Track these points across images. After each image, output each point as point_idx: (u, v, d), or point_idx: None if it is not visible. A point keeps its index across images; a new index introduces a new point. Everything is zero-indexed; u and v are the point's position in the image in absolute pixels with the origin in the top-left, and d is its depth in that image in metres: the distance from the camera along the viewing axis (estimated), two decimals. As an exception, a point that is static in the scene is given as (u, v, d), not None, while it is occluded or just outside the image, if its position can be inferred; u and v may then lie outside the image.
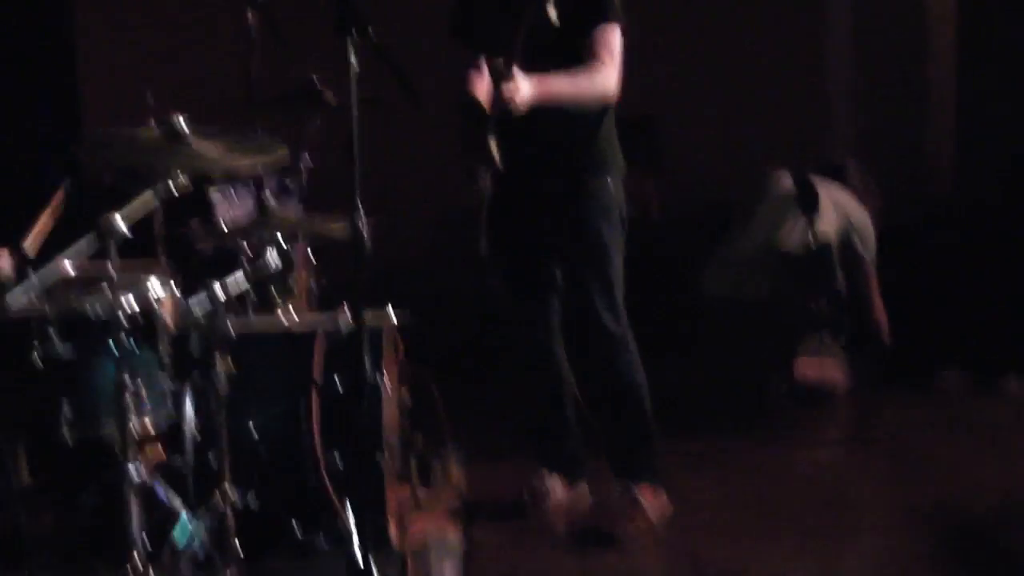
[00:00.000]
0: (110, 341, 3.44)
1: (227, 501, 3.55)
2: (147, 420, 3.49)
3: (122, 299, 3.45)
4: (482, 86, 4.12)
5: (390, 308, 3.86)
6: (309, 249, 4.36)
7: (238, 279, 3.83)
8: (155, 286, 3.65)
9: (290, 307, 4.19)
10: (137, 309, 3.50)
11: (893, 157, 6.22)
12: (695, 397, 5.47)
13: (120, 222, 3.33)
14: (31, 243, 3.89)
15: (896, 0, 6.35)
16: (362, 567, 3.45)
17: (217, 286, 3.68)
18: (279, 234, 4.03)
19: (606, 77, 4.05)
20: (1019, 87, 6.36)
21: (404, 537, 3.87)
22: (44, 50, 6.38)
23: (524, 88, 3.88)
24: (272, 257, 3.95)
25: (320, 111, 4.65)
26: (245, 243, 4.06)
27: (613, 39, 4.07)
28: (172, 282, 3.80)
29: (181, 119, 3.52)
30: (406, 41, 4.00)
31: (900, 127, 6.38)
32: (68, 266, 3.60)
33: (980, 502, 4.46)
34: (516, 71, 3.86)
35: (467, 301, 5.64)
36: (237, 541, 3.54)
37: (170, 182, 3.51)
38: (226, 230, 4.30)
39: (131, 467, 3.36)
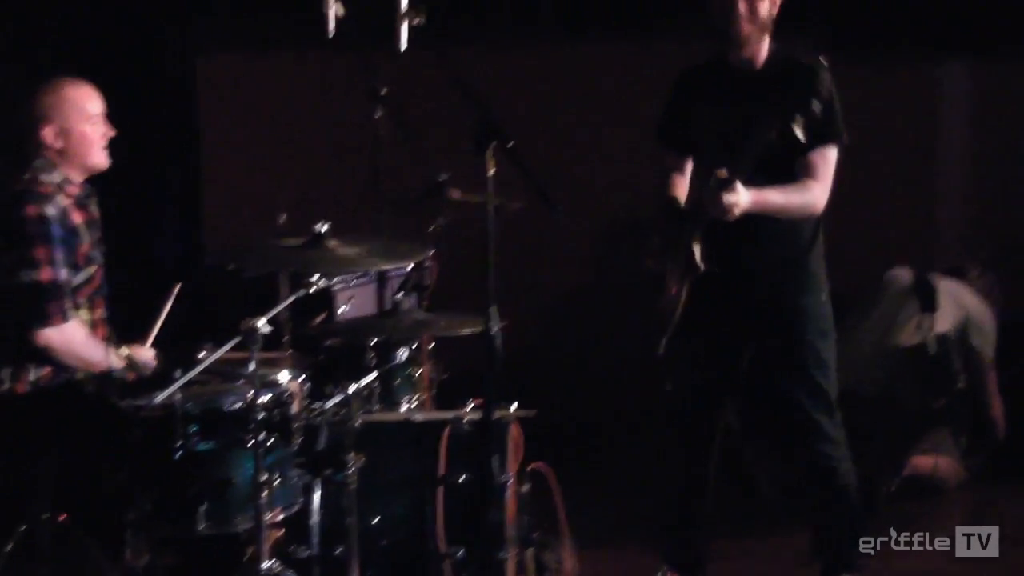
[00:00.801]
0: (248, 437, 3.55)
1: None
2: (277, 512, 3.61)
3: (260, 396, 3.57)
4: (682, 190, 4.25)
5: (515, 405, 3.94)
6: (433, 344, 4.47)
7: (365, 375, 3.95)
8: (288, 381, 3.79)
9: (415, 401, 4.30)
10: (273, 406, 3.62)
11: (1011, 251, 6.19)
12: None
13: (264, 327, 3.45)
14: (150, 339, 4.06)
15: (1010, 101, 6.33)
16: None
17: (346, 383, 3.81)
18: (405, 330, 4.15)
19: (819, 196, 4.13)
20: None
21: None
22: (169, 140, 6.56)
23: (744, 200, 3.96)
24: (399, 353, 4.07)
25: (448, 210, 4.76)
26: (371, 339, 4.19)
27: (832, 158, 4.17)
28: (302, 378, 3.95)
29: (323, 226, 3.65)
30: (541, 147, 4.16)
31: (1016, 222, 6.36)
32: (208, 362, 3.73)
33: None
34: (738, 184, 3.94)
35: (586, 390, 5.77)
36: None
37: (311, 284, 3.64)
38: (349, 326, 4.43)
39: (266, 565, 3.45)
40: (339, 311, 4.74)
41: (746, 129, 4.00)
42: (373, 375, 4.02)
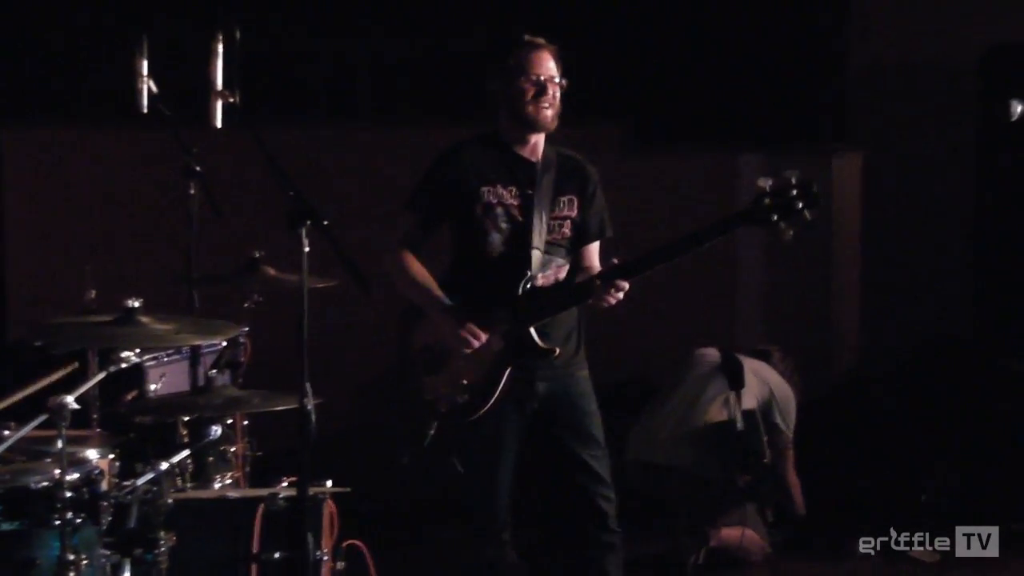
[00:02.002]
0: (55, 516, 3.48)
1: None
2: (84, 594, 3.53)
3: (67, 474, 3.50)
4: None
5: (330, 482, 3.94)
6: (247, 422, 4.45)
7: (177, 452, 3.91)
8: (97, 459, 3.73)
9: (229, 479, 4.27)
10: (81, 484, 3.55)
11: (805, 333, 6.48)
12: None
13: (72, 404, 3.40)
14: None
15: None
16: None
17: (158, 460, 3.76)
18: (218, 407, 4.12)
19: None
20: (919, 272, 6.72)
21: None
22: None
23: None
24: (212, 430, 4.04)
25: (262, 287, 4.76)
26: (183, 416, 4.15)
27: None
28: (112, 455, 3.89)
29: (134, 302, 3.62)
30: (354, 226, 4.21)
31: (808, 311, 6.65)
32: (13, 440, 3.64)
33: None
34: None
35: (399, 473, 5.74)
36: None
37: (122, 361, 3.60)
38: (161, 403, 4.39)
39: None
40: (150, 388, 4.68)
41: (542, 213, 4.26)
42: (185, 452, 3.98)
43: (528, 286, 4.26)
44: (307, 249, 3.56)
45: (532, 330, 4.23)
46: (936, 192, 6.81)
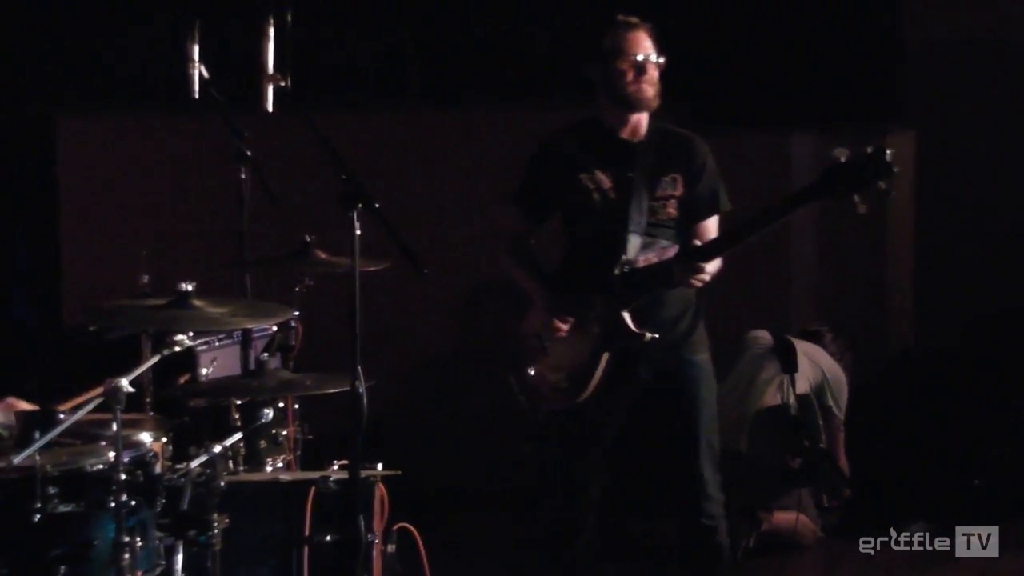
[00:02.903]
0: (109, 499, 3.51)
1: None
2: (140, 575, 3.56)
3: (122, 457, 3.53)
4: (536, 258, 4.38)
5: (381, 465, 3.96)
6: (298, 405, 4.47)
7: (230, 436, 3.94)
8: (150, 443, 3.77)
9: (280, 462, 4.29)
10: (136, 467, 3.59)
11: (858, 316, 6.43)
12: (670, 544, 5.55)
13: (127, 386, 3.43)
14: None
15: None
16: None
17: (211, 443, 3.79)
18: (270, 390, 4.14)
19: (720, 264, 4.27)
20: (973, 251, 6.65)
21: None
22: (27, 199, 6.48)
23: (712, 268, 4.14)
24: (264, 414, 4.07)
25: (313, 271, 4.78)
26: (236, 399, 4.18)
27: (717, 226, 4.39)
28: (165, 438, 3.93)
29: (188, 286, 3.65)
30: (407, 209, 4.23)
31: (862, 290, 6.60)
32: (69, 422, 3.68)
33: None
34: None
35: (452, 450, 5.79)
36: None
37: (175, 345, 3.63)
38: (214, 387, 4.41)
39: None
40: (203, 372, 4.71)
41: (643, 195, 4.20)
42: (238, 435, 4.01)
43: (625, 270, 4.22)
44: (359, 232, 3.57)
45: (626, 314, 4.19)
46: (990, 170, 6.72)
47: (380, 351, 4.33)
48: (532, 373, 4.36)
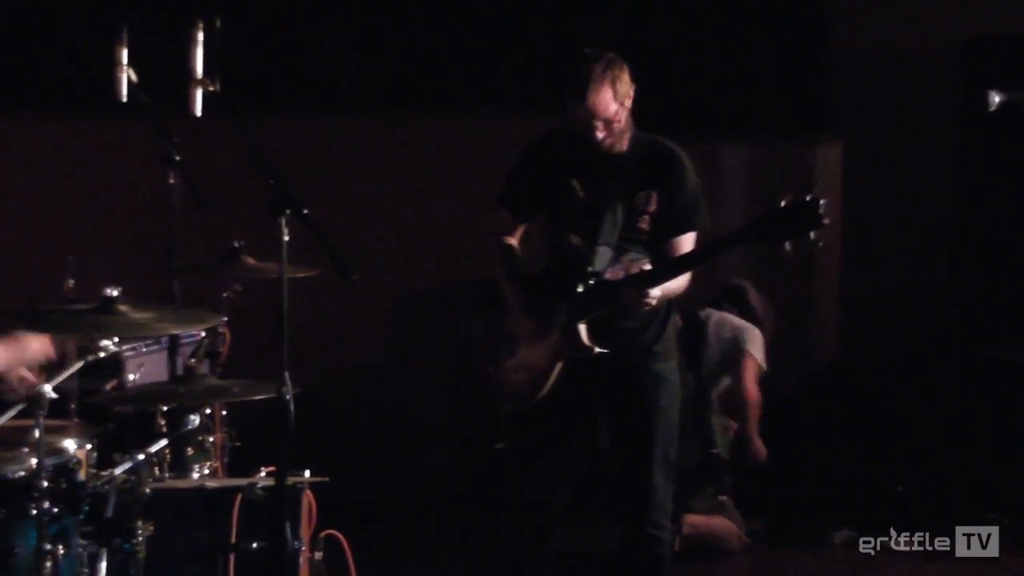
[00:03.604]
0: (31, 506, 3.47)
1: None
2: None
3: (45, 464, 3.49)
4: (518, 259, 4.40)
5: (308, 472, 3.94)
6: (226, 411, 4.44)
7: (156, 442, 3.90)
8: (74, 449, 3.73)
9: (207, 469, 4.26)
10: (58, 474, 3.55)
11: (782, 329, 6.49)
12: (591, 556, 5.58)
13: (50, 393, 3.39)
14: None
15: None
16: None
17: (136, 450, 3.76)
18: (197, 396, 4.12)
19: (687, 279, 4.27)
20: (899, 262, 6.75)
21: None
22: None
23: (658, 293, 4.11)
24: (191, 420, 4.04)
25: (242, 277, 4.76)
26: (162, 405, 4.14)
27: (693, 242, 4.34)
28: (89, 445, 3.89)
29: (113, 291, 3.61)
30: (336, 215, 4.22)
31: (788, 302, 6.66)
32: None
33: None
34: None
35: (380, 458, 5.76)
36: None
37: (100, 350, 3.59)
38: (140, 392, 4.38)
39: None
40: (129, 377, 4.67)
41: (618, 208, 4.21)
42: (163, 442, 3.97)
43: (591, 281, 4.24)
44: (287, 238, 3.55)
45: (581, 326, 4.20)
46: (917, 182, 6.82)
47: (309, 357, 4.30)
48: (497, 372, 4.39)
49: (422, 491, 5.85)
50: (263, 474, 3.97)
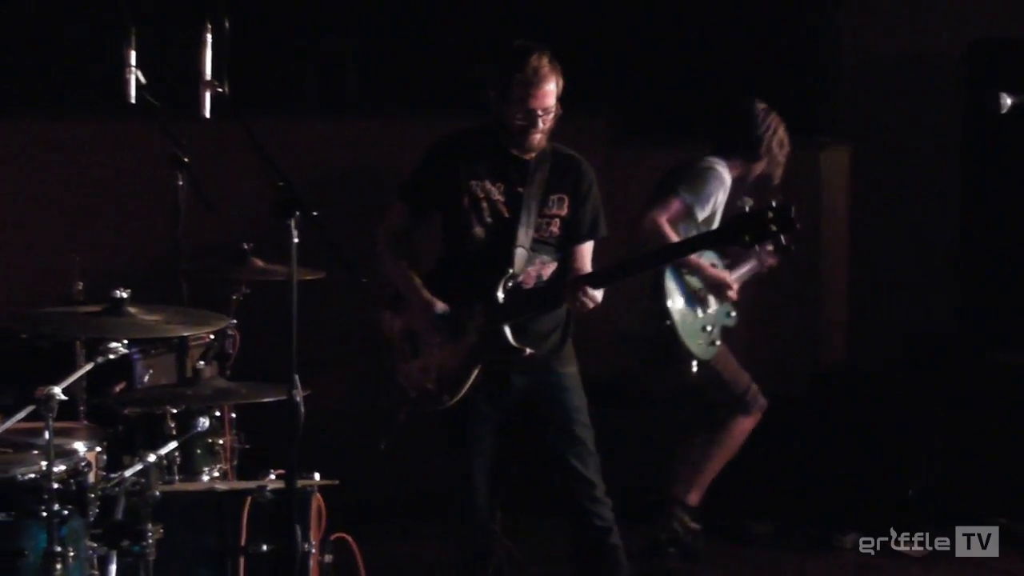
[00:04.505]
0: (41, 508, 3.47)
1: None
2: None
3: (54, 466, 3.49)
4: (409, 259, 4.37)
5: (318, 475, 3.94)
6: (235, 414, 4.44)
7: (165, 444, 3.90)
8: (84, 451, 3.72)
9: (216, 471, 4.26)
10: (68, 476, 3.54)
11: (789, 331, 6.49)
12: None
13: (59, 394, 3.39)
14: None
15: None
16: None
17: (145, 452, 3.75)
18: (206, 399, 4.11)
19: None
20: (906, 265, 6.74)
21: None
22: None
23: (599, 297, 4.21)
24: (200, 422, 4.04)
25: (250, 279, 4.75)
26: (171, 407, 4.13)
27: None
28: (99, 447, 3.88)
29: (122, 293, 3.61)
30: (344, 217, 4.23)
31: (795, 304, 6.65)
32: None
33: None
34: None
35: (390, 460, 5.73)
36: None
37: (109, 352, 3.59)
38: (149, 395, 4.37)
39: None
40: (138, 379, 4.66)
41: (531, 211, 4.27)
42: (173, 444, 3.97)
43: (509, 284, 4.27)
44: (296, 240, 3.55)
45: (506, 328, 4.25)
46: (923, 185, 6.82)
47: (318, 359, 4.31)
48: (401, 372, 4.40)
49: (431, 494, 5.80)
50: (273, 477, 3.98)
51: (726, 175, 5.42)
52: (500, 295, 4.27)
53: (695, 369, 5.30)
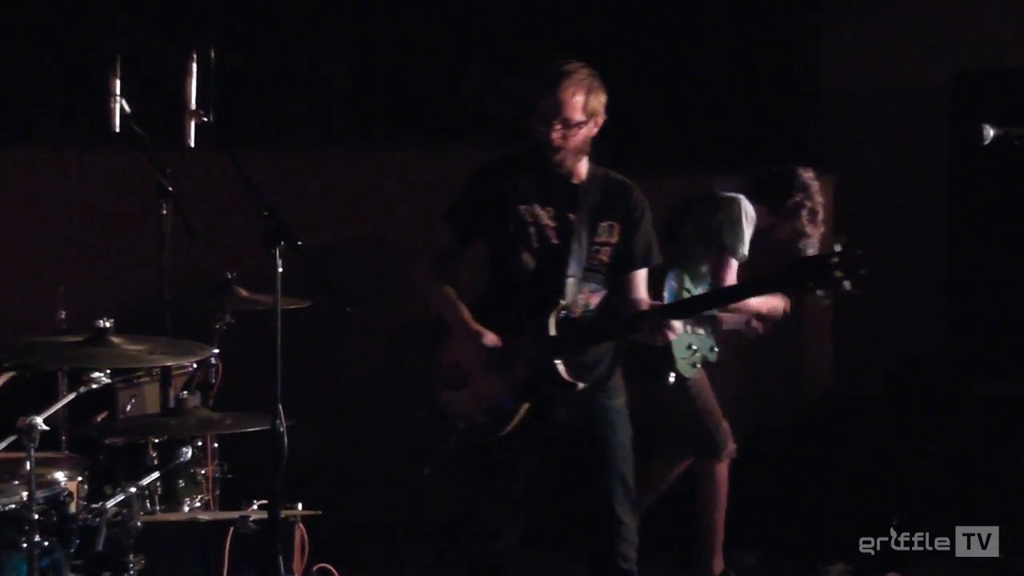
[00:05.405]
0: (21, 539, 3.45)
1: None
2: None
3: (35, 497, 3.47)
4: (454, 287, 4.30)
5: (301, 505, 3.92)
6: (218, 444, 4.42)
7: (147, 475, 3.88)
8: (65, 482, 3.70)
9: (199, 501, 4.24)
10: (49, 506, 3.52)
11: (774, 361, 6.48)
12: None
13: (41, 425, 3.37)
14: None
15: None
16: None
17: (127, 482, 3.74)
18: (189, 429, 4.09)
19: None
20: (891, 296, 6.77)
21: None
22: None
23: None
24: (183, 452, 4.02)
25: (234, 308, 4.74)
26: (154, 437, 4.12)
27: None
28: (80, 477, 3.86)
29: (106, 323, 3.60)
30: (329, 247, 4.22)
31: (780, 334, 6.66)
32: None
33: None
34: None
35: (372, 491, 5.72)
36: None
37: (92, 382, 3.57)
38: (131, 425, 4.35)
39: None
40: (121, 409, 4.64)
41: (582, 238, 4.16)
42: (155, 474, 3.95)
43: (561, 315, 4.17)
44: (280, 269, 3.54)
45: (559, 362, 4.15)
46: (908, 216, 6.84)
47: (302, 389, 4.29)
48: (448, 402, 4.29)
49: (415, 524, 5.81)
50: (256, 507, 3.96)
51: (751, 209, 5.39)
52: (553, 329, 4.16)
53: (671, 381, 5.23)
